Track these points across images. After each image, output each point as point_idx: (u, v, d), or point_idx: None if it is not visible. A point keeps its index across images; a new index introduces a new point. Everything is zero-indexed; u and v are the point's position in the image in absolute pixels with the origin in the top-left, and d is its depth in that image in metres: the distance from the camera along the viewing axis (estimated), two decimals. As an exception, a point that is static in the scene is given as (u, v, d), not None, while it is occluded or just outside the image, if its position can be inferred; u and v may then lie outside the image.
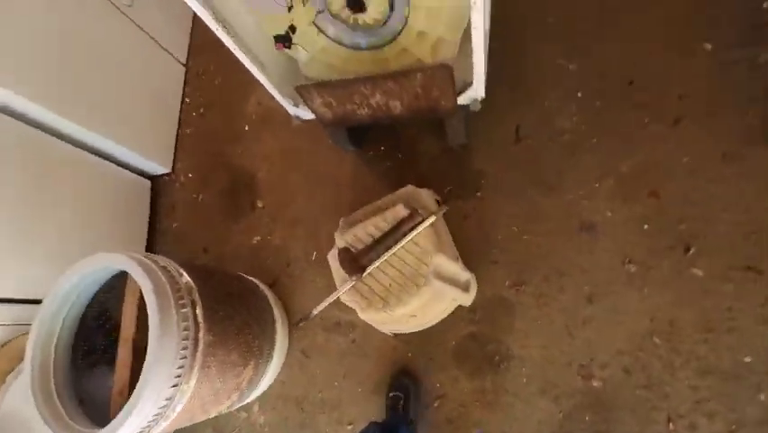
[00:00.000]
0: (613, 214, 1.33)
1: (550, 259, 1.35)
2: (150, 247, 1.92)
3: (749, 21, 1.32)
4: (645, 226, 1.29)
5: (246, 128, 1.92)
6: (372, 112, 1.32)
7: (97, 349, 1.19)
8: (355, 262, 1.09)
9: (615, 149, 1.37)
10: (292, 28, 1.24)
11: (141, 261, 1.04)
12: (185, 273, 1.12)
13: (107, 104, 1.71)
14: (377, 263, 1.11)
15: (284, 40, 1.27)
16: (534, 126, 1.48)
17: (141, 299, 1.04)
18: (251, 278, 1.59)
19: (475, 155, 1.53)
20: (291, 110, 1.52)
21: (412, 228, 1.11)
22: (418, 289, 1.10)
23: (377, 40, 1.27)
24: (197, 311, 1.07)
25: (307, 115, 1.53)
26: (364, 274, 1.10)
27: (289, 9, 1.21)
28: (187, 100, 2.07)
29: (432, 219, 1.08)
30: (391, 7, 1.12)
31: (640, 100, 1.38)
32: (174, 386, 1.00)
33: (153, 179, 2.01)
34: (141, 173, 1.95)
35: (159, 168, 1.96)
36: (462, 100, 1.36)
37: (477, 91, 1.30)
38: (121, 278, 1.19)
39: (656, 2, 1.45)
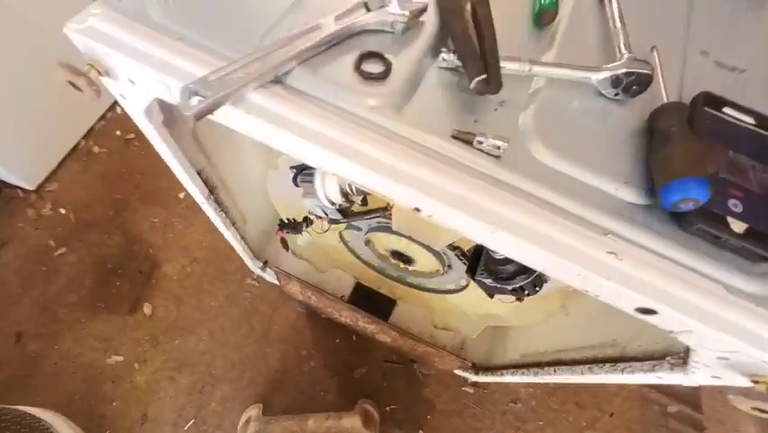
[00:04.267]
0: None
1: None
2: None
3: None
4: None
5: (181, 195, 1.42)
6: (353, 328, 1.11)
7: None
8: None
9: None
10: (307, 221, 0.91)
11: None
12: None
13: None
14: None
15: (291, 228, 0.94)
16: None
17: None
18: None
19: (431, 383, 1.34)
20: (253, 267, 1.15)
21: None
22: None
23: (404, 275, 1.04)
24: None
25: (272, 279, 1.18)
26: None
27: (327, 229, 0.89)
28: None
29: None
30: (448, 267, 0.87)
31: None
32: None
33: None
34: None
35: (11, 175, 1.29)
36: (461, 371, 1.20)
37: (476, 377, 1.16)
38: None
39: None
